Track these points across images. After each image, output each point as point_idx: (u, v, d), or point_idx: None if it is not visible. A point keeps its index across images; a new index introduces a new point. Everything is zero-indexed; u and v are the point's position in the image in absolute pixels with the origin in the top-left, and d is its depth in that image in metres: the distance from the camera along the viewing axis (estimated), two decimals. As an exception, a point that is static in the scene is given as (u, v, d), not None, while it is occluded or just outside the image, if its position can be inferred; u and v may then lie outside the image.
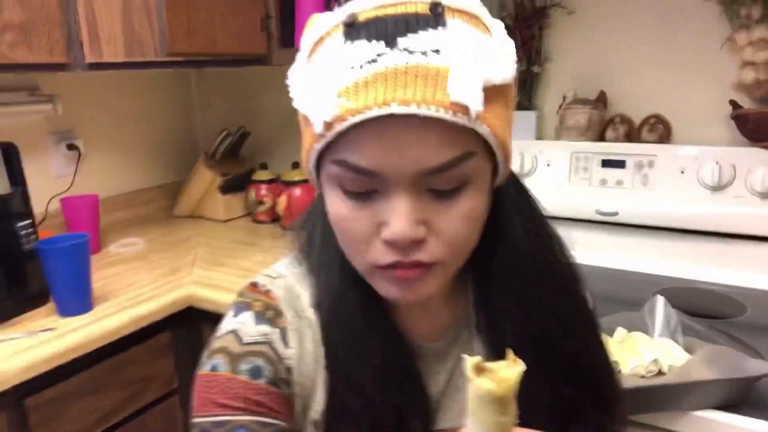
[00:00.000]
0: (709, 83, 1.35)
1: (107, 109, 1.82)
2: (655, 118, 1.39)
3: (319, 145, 0.48)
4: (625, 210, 1.37)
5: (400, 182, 0.46)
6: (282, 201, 1.75)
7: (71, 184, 1.68)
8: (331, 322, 0.58)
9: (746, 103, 1.30)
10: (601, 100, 1.45)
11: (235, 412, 0.53)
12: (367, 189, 0.48)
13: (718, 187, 1.27)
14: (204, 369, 0.56)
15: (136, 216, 1.89)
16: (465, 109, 0.44)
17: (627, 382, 0.84)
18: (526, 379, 0.52)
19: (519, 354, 0.53)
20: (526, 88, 1.53)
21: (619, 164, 1.39)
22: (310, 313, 0.58)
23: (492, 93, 0.46)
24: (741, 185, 1.25)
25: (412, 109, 0.43)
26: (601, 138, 1.45)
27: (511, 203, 0.58)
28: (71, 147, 1.71)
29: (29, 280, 1.21)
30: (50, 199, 1.61)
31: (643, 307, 1.04)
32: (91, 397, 1.13)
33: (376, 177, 0.46)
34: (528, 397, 0.51)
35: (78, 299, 1.19)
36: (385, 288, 0.52)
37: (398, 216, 0.46)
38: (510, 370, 0.44)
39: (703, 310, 1.08)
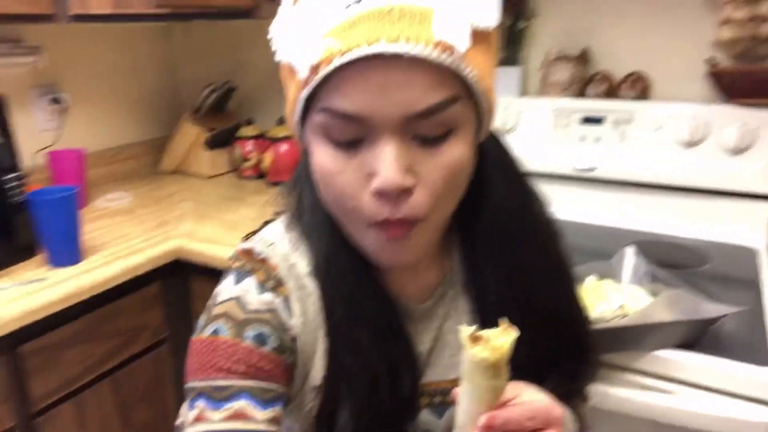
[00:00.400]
0: (690, 40, 1.37)
1: (92, 63, 1.80)
2: (635, 74, 1.41)
3: (304, 93, 0.47)
4: (602, 166, 1.40)
5: (386, 128, 0.46)
6: (268, 157, 1.77)
7: (58, 139, 1.68)
8: (326, 288, 0.59)
9: (724, 61, 1.32)
10: (584, 56, 1.46)
11: (238, 377, 0.53)
12: (354, 137, 0.47)
13: (691, 144, 1.30)
14: (204, 333, 0.55)
15: (122, 171, 1.89)
16: (451, 49, 0.44)
17: (594, 325, 0.89)
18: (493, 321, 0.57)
19: (501, 309, 0.56)
20: (511, 44, 1.54)
21: (598, 121, 1.41)
22: (308, 282, 0.59)
23: (477, 37, 0.46)
24: (713, 142, 1.29)
25: (400, 46, 0.43)
26: (582, 95, 1.48)
27: (493, 161, 0.59)
28: (56, 100, 1.70)
29: (18, 232, 1.24)
30: (36, 153, 1.62)
31: (614, 257, 1.09)
32: (83, 345, 1.17)
33: (362, 123, 0.46)
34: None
35: (68, 250, 1.21)
36: (376, 251, 0.52)
37: (386, 163, 0.46)
38: (503, 338, 0.46)
39: (670, 260, 1.13)
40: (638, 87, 1.41)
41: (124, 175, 1.88)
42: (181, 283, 1.36)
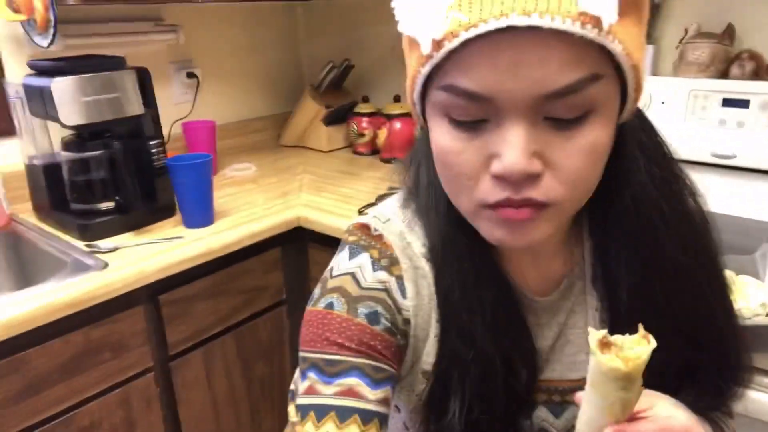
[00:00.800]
0: None
1: (222, 41, 1.92)
2: (789, 54, 1.28)
3: (426, 69, 0.43)
4: (743, 153, 1.29)
5: (514, 109, 0.41)
6: (382, 133, 1.79)
7: (191, 111, 1.81)
8: (442, 271, 0.56)
9: None
10: (728, 33, 1.34)
11: (350, 353, 0.52)
12: (478, 118, 0.43)
13: None
14: (318, 305, 0.55)
15: (247, 143, 2.01)
16: (596, 21, 0.38)
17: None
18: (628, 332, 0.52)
19: (633, 309, 0.53)
20: (643, 21, 1.45)
21: (743, 104, 1.30)
22: (423, 263, 0.57)
23: (626, 9, 0.40)
24: None
25: (533, 20, 0.38)
26: (724, 75, 1.36)
27: (637, 143, 0.53)
28: (190, 75, 1.83)
29: (158, 193, 1.35)
30: (173, 123, 1.75)
31: (756, 251, 1.00)
32: (212, 299, 1.27)
33: (488, 103, 0.41)
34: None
35: (202, 213, 1.31)
36: (490, 230, 0.47)
37: (511, 147, 0.41)
38: (640, 348, 0.41)
39: (822, 259, 1.02)
40: (792, 67, 1.28)
41: (249, 147, 2.00)
42: (300, 249, 1.42)
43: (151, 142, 1.34)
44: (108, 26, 1.59)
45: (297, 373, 0.57)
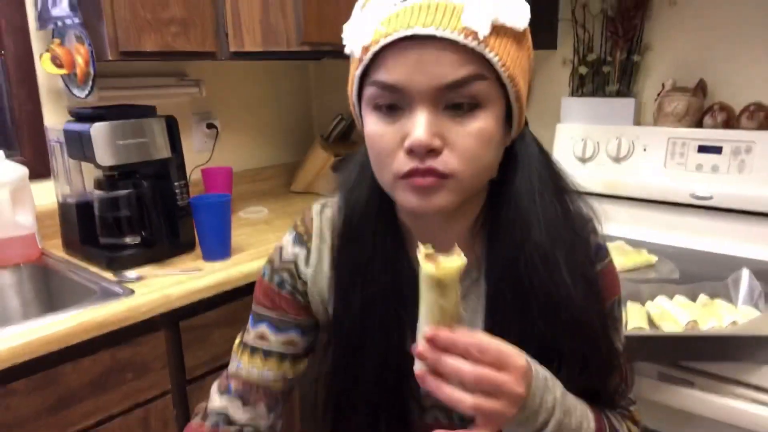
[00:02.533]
0: (816, 71, 1.35)
1: (240, 94, 2.08)
2: (755, 105, 1.41)
3: (359, 71, 0.59)
4: (719, 195, 1.40)
5: (421, 98, 0.55)
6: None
7: (210, 158, 1.95)
8: (352, 238, 0.69)
9: None
10: (701, 88, 1.48)
11: (266, 308, 0.75)
12: (395, 105, 0.57)
13: (817, 174, 1.28)
14: (262, 271, 0.76)
15: (259, 189, 2.14)
16: (474, 34, 0.54)
17: (702, 333, 0.92)
18: (503, 313, 0.64)
19: (503, 288, 0.64)
20: (625, 76, 1.60)
21: (716, 150, 1.42)
22: (328, 231, 0.72)
23: (504, 32, 0.56)
24: (842, 172, 1.26)
25: (431, 30, 0.53)
26: (697, 125, 1.49)
27: (526, 157, 0.64)
28: (209, 126, 1.97)
29: (180, 230, 1.46)
30: (192, 169, 1.88)
31: (728, 278, 1.10)
32: (229, 327, 1.35)
33: (401, 92, 0.56)
34: (504, 330, 0.58)
35: (220, 247, 1.42)
36: (405, 197, 0.59)
37: (418, 126, 0.55)
38: (451, 259, 0.51)
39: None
40: (758, 117, 1.41)
41: (262, 192, 2.12)
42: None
43: (176, 183, 1.46)
44: (138, 80, 1.75)
45: None
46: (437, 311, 0.53)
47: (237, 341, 0.79)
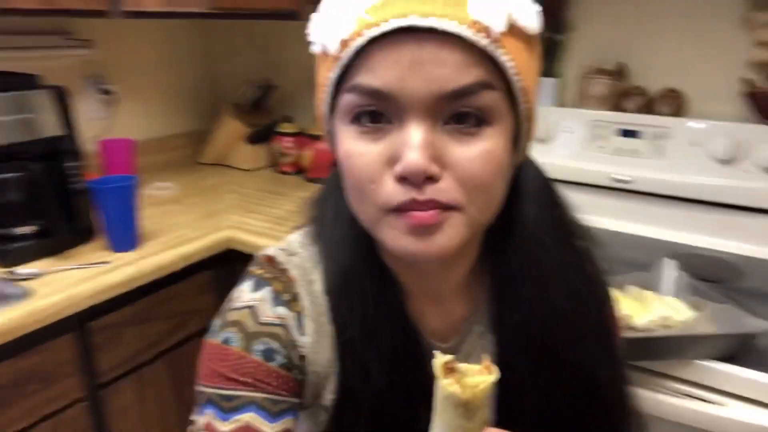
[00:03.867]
0: (725, 60, 1.41)
1: (138, 57, 1.87)
2: (671, 91, 1.46)
3: (335, 72, 0.46)
4: (638, 178, 1.45)
5: (416, 109, 0.43)
6: (307, 154, 1.82)
7: (106, 128, 1.74)
8: (341, 305, 0.55)
9: (760, 82, 1.37)
10: (620, 71, 1.51)
11: (245, 388, 0.52)
12: (382, 117, 0.45)
13: (727, 161, 1.35)
14: (216, 338, 0.55)
15: (164, 161, 1.96)
16: (486, 30, 0.43)
17: (640, 334, 0.95)
18: (517, 381, 0.53)
19: (520, 351, 0.54)
20: (549, 56, 1.60)
21: (635, 134, 1.46)
22: (325, 300, 0.56)
23: (516, 32, 0.45)
24: (749, 161, 1.33)
25: (431, 22, 0.42)
26: (618, 108, 1.52)
27: (530, 190, 0.56)
28: (105, 91, 1.76)
29: (78, 216, 1.29)
30: (87, 141, 1.67)
31: (653, 268, 1.14)
32: (142, 324, 1.24)
33: (391, 101, 0.44)
34: (517, 401, 0.53)
35: (127, 237, 1.27)
36: (395, 238, 0.47)
37: (412, 147, 0.43)
38: (481, 377, 0.41)
39: (706, 274, 1.18)
40: (674, 103, 1.46)
41: (166, 165, 1.95)
42: (231, 271, 1.42)
43: (70, 163, 1.28)
44: (12, 39, 1.51)
45: (195, 409, 0.56)
46: None
47: None
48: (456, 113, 0.44)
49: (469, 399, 0.40)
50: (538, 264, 0.55)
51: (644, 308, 1.01)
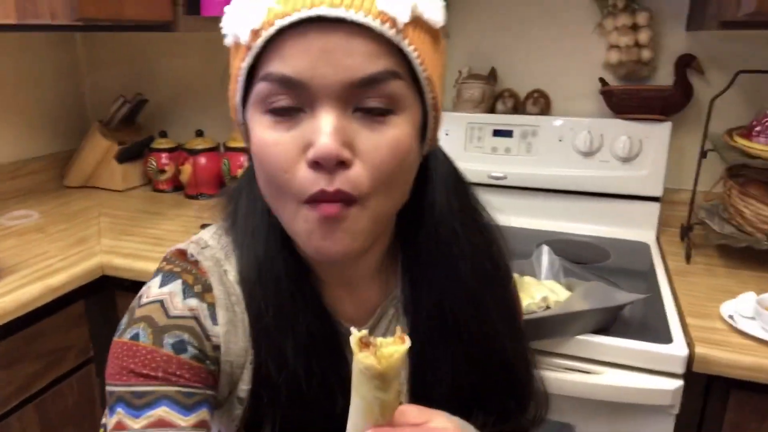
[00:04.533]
0: (583, 63, 1.54)
1: (-15, 72, 1.69)
2: (538, 92, 1.57)
3: (247, 61, 0.47)
4: (512, 174, 1.54)
5: (327, 96, 0.45)
6: (187, 169, 1.74)
7: (-50, 153, 1.56)
8: (256, 294, 0.56)
9: (612, 81, 1.50)
10: (492, 75, 1.60)
11: (157, 383, 0.51)
12: (294, 105, 0.46)
13: (589, 153, 1.47)
14: (124, 336, 0.53)
15: (24, 187, 1.78)
16: (392, 21, 0.45)
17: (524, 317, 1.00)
18: (430, 359, 0.56)
19: (430, 333, 0.56)
20: (424, 62, 1.65)
21: (508, 134, 1.55)
22: (238, 291, 0.57)
23: (421, 25, 0.47)
24: (607, 151, 1.46)
25: (340, 12, 0.43)
26: (492, 110, 1.61)
27: (439, 177, 0.58)
28: (-54, 112, 1.57)
29: None
30: (-73, 169, 1.49)
31: (531, 255, 1.21)
32: (5, 370, 1.11)
33: (302, 89, 0.45)
34: (431, 378, 0.56)
35: (-18, 271, 1.14)
36: (308, 235, 0.49)
37: (324, 133, 0.45)
38: (394, 347, 0.42)
39: (577, 257, 1.27)
40: (540, 103, 1.56)
41: (26, 191, 1.77)
42: (106, 300, 1.31)
43: None
44: None
45: (106, 411, 0.54)
46: (377, 408, 0.43)
47: None
48: (365, 101, 0.46)
49: (385, 369, 0.41)
50: (448, 247, 0.57)
51: (525, 293, 1.06)
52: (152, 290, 0.55)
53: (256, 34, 0.46)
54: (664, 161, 1.42)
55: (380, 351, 0.41)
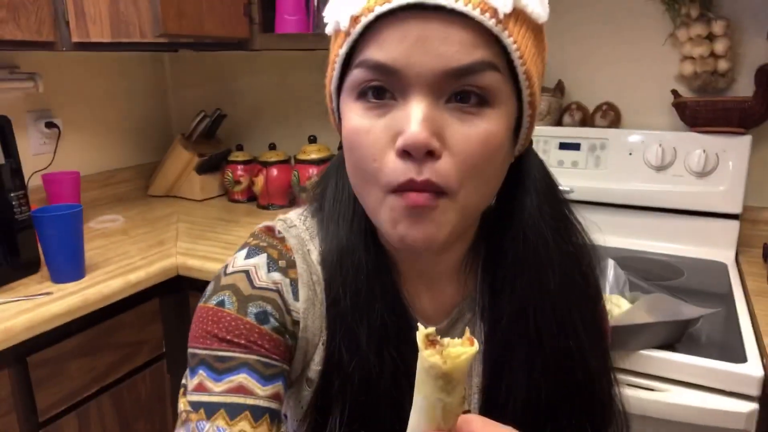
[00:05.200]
0: (654, 74, 1.50)
1: (85, 90, 1.85)
2: (607, 105, 1.53)
3: (345, 47, 0.48)
4: (579, 188, 1.50)
5: (420, 84, 0.45)
6: (260, 180, 1.82)
7: (51, 161, 1.71)
8: (335, 276, 0.56)
9: (685, 93, 1.45)
10: (559, 88, 1.58)
11: (239, 350, 0.52)
12: (386, 91, 0.47)
13: (661, 168, 1.42)
14: (209, 302, 0.54)
15: (113, 195, 1.93)
16: (493, 11, 0.44)
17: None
18: (506, 369, 0.55)
19: (508, 342, 0.54)
20: (491, 77, 1.66)
21: (575, 147, 1.52)
22: (320, 271, 0.57)
23: (524, 18, 0.47)
24: (680, 166, 1.40)
25: (439, 0, 0.43)
26: (558, 123, 1.59)
27: (532, 181, 0.56)
28: (49, 125, 1.73)
29: (21, 249, 1.26)
30: (31, 176, 1.64)
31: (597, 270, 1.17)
32: (86, 358, 1.19)
33: (396, 76, 0.45)
34: (505, 389, 0.54)
35: (72, 266, 1.24)
36: (393, 223, 0.48)
37: (414, 120, 0.44)
38: (462, 348, 0.40)
39: (647, 274, 1.22)
40: (610, 116, 1.53)
41: (114, 199, 1.92)
42: (180, 299, 1.39)
43: (12, 194, 1.25)
44: (-47, 73, 1.48)
45: (187, 371, 0.56)
46: (439, 410, 0.41)
47: (183, 405, 0.53)
48: (459, 92, 0.46)
49: (450, 370, 0.40)
50: (535, 252, 0.55)
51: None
52: (238, 261, 0.57)
53: (355, 20, 0.46)
54: (743, 177, 1.34)
55: (447, 351, 0.40)
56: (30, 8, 1.32)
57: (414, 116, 0.45)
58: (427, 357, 0.40)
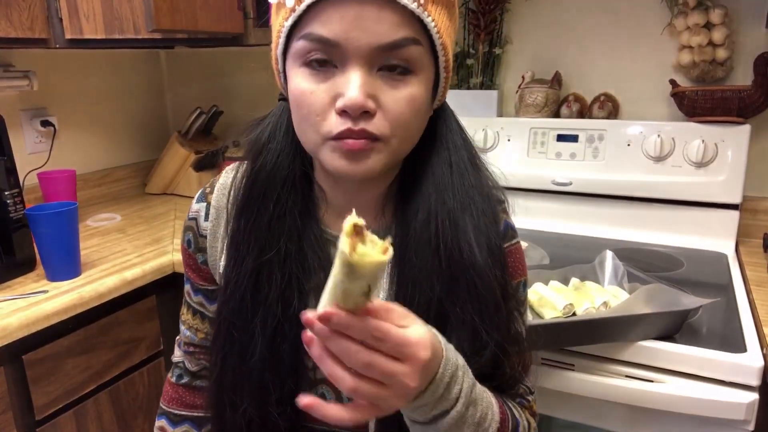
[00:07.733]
0: (652, 64, 1.49)
1: (80, 88, 1.84)
2: (605, 96, 1.52)
3: (290, 21, 0.55)
4: (578, 180, 1.49)
5: (356, 56, 0.54)
6: (256, 177, 1.81)
7: (47, 160, 1.70)
8: (252, 190, 0.65)
9: (684, 82, 1.44)
10: (556, 80, 1.57)
11: (188, 273, 0.76)
12: (328, 61, 0.55)
13: (659, 158, 1.41)
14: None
15: (109, 193, 1.92)
16: None
17: (579, 318, 0.96)
18: (412, 274, 0.62)
19: (414, 251, 0.62)
20: (488, 69, 1.65)
21: (573, 138, 1.51)
22: (233, 194, 0.68)
23: (440, 1, 0.56)
24: (679, 156, 1.39)
25: None
26: (556, 115, 1.58)
27: (447, 129, 0.66)
28: (44, 123, 1.73)
29: (16, 248, 1.25)
30: (26, 175, 1.63)
31: (595, 260, 1.16)
32: (83, 355, 1.18)
33: (336, 48, 0.54)
34: (410, 294, 0.61)
35: (67, 264, 1.23)
36: (332, 159, 0.57)
37: (353, 86, 0.54)
38: (372, 252, 0.42)
39: (646, 266, 1.21)
40: (608, 107, 1.52)
41: (111, 197, 1.91)
42: (177, 296, 1.38)
43: (6, 192, 1.24)
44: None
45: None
46: (340, 292, 0.44)
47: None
48: (388, 63, 0.55)
49: (355, 263, 0.42)
50: (439, 181, 0.64)
51: (586, 297, 1.02)
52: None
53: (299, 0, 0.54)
54: (742, 166, 1.33)
55: (359, 247, 0.43)
56: (22, 4, 1.31)
57: (353, 82, 0.54)
58: (341, 243, 0.43)
